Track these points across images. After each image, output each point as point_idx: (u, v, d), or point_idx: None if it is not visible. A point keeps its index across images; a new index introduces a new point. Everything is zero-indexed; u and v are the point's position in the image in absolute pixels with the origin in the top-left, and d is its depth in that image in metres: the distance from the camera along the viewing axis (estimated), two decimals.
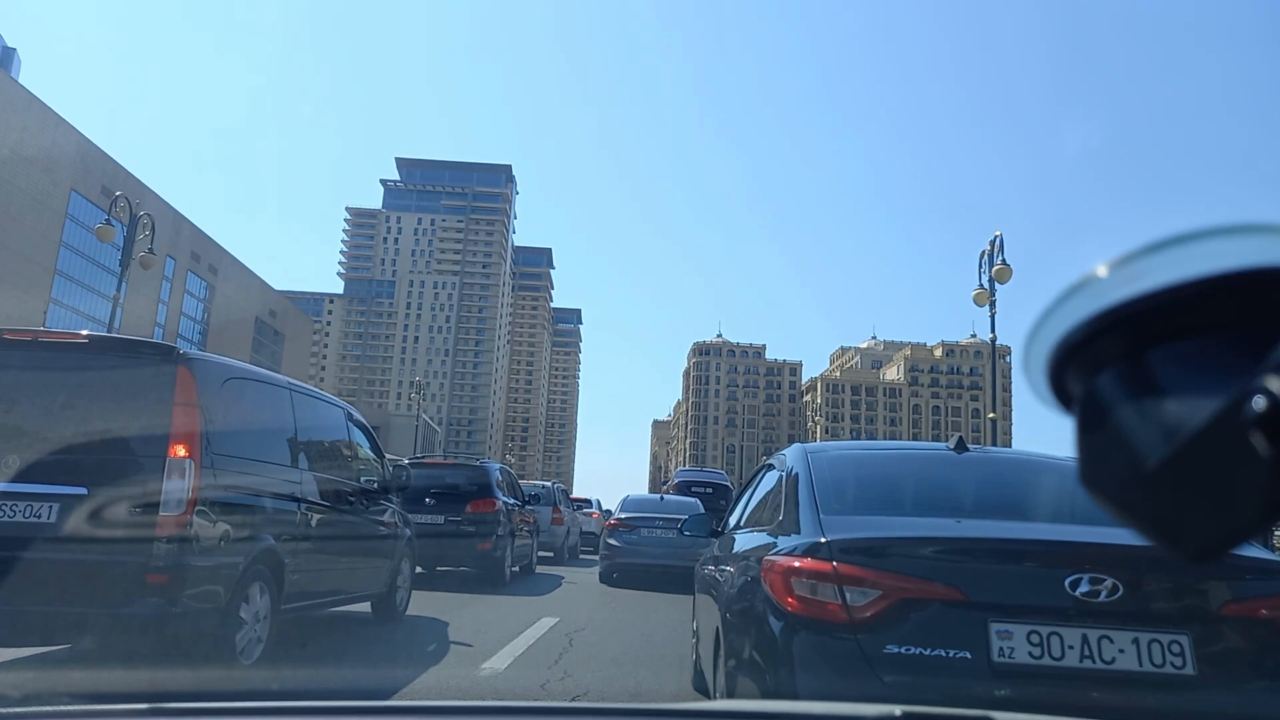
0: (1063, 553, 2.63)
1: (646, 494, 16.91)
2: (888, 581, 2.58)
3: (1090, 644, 2.44)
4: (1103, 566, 2.49)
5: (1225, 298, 0.46)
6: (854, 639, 2.55)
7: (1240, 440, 0.42)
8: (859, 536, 2.77)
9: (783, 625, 2.71)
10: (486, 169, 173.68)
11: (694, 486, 18.88)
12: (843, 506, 3.16)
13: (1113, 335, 0.49)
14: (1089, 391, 0.51)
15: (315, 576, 5.80)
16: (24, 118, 61.90)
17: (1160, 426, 0.46)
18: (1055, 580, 2.50)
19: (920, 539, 2.77)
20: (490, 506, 11.92)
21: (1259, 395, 0.41)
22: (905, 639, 2.51)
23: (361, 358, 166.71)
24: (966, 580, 2.58)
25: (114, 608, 4.17)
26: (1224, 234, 0.46)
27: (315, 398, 6.21)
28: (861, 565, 2.62)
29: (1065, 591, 2.47)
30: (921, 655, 2.49)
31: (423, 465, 12.84)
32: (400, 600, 7.55)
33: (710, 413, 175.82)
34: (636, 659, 6.36)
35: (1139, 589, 2.52)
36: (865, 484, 3.49)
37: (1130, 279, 0.48)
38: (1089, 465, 0.51)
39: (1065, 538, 2.78)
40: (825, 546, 2.68)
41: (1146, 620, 2.49)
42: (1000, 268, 17.48)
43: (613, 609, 9.54)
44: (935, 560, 2.66)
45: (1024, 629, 2.47)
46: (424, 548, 11.82)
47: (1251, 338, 0.45)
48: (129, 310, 79.44)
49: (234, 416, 4.95)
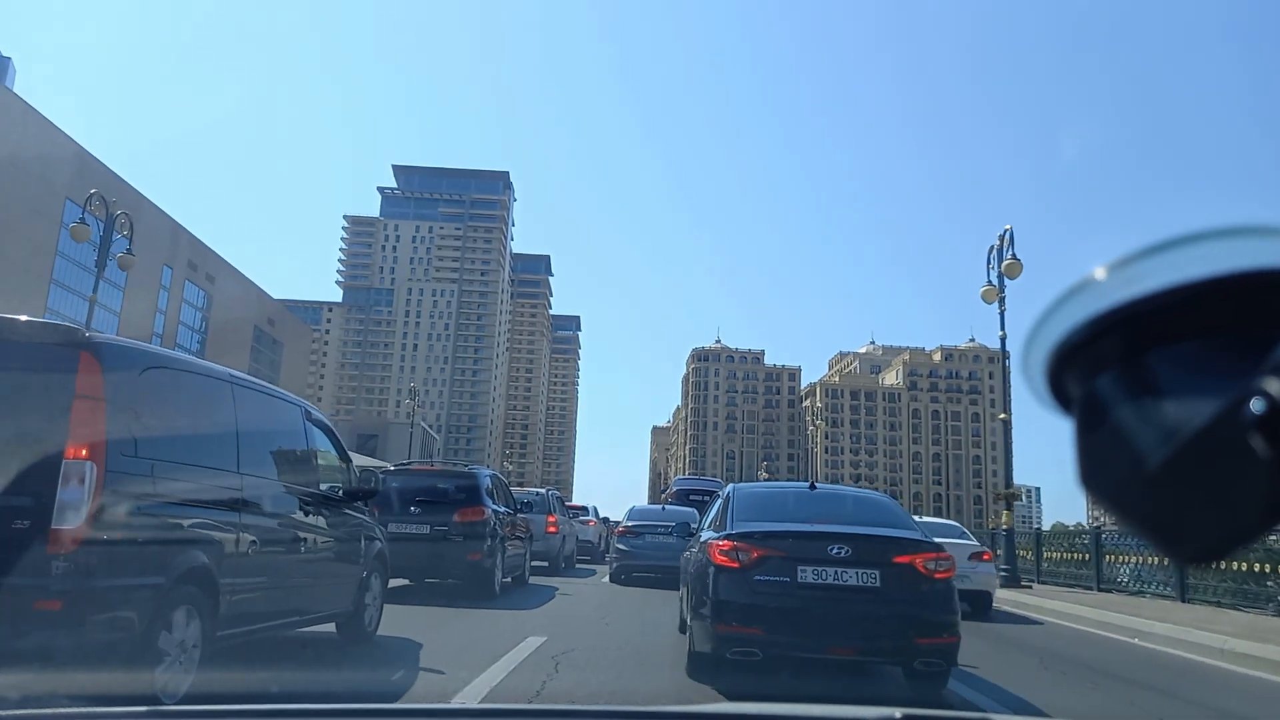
0: (829, 535, 5.64)
1: (649, 505, 19.22)
2: (755, 549, 5.57)
3: (838, 574, 5.45)
4: (845, 541, 5.58)
5: (1224, 300, 0.46)
6: (742, 573, 5.52)
7: (1239, 442, 0.42)
8: (746, 530, 5.76)
9: (713, 569, 5.63)
10: (484, 176, 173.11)
11: (692, 494, 19.38)
12: (746, 517, 6.08)
13: (1112, 337, 0.49)
14: (1088, 393, 0.51)
15: (261, 597, 5.10)
16: (19, 126, 61.21)
17: (1159, 428, 0.46)
18: (824, 548, 5.54)
19: (768, 531, 5.80)
20: (479, 515, 11.24)
21: (1258, 397, 0.42)
22: (763, 573, 5.50)
23: (361, 366, 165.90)
24: (789, 548, 5.61)
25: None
26: (1222, 236, 0.46)
27: (263, 392, 5.48)
28: (746, 542, 5.62)
29: (828, 553, 5.50)
30: (769, 579, 5.48)
31: (409, 472, 12.20)
32: (369, 619, 6.84)
33: (709, 419, 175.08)
34: (630, 691, 5.66)
35: (860, 551, 5.56)
36: (759, 505, 6.62)
37: (1129, 281, 0.48)
38: (1088, 467, 0.51)
39: (832, 530, 5.72)
40: (734, 534, 5.73)
41: (861, 565, 5.49)
42: (1010, 262, 16.74)
43: (606, 626, 8.83)
44: (776, 539, 5.69)
45: (811, 568, 5.47)
46: (409, 559, 11.16)
47: (1250, 340, 0.45)
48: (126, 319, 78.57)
49: (156, 412, 4.25)
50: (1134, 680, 7.45)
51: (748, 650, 5.37)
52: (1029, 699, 6.13)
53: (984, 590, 11.87)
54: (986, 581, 11.91)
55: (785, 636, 5.40)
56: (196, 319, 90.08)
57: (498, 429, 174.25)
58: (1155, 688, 7.12)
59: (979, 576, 11.77)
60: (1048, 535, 22.65)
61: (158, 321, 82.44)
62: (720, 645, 5.48)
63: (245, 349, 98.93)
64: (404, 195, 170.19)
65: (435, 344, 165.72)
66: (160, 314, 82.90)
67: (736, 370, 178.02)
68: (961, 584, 12.13)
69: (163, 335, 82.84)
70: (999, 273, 17.24)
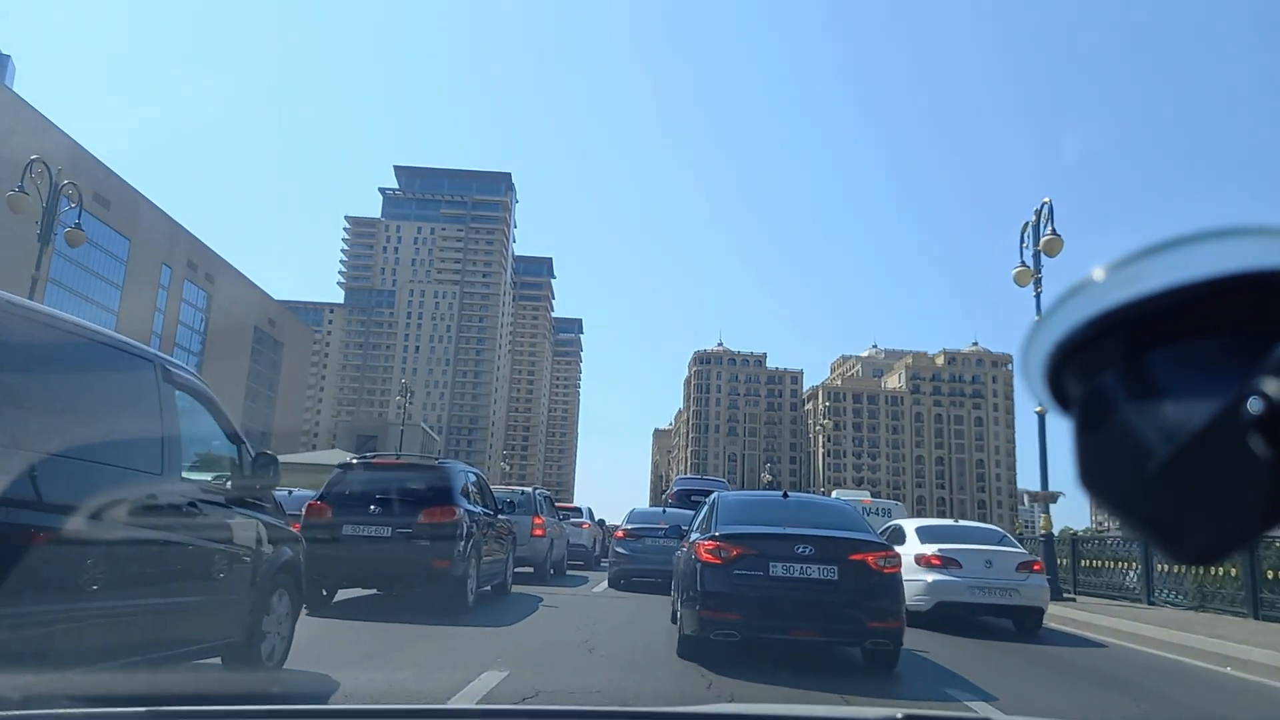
0: (796, 536, 6.73)
1: (650, 507, 18.31)
2: (735, 547, 6.70)
3: (803, 569, 6.53)
4: (809, 542, 6.66)
5: (1223, 300, 0.46)
6: (724, 568, 6.62)
7: (1238, 442, 0.42)
8: (728, 532, 6.90)
9: (699, 565, 6.75)
10: (486, 177, 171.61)
11: (694, 495, 18.14)
12: (728, 520, 7.24)
13: (1111, 338, 0.49)
14: (1088, 394, 0.51)
15: (68, 632, 3.49)
16: (14, 123, 59.73)
17: (1159, 429, 0.46)
18: (792, 547, 6.63)
19: (746, 533, 6.92)
20: (448, 515, 9.63)
21: (1256, 397, 0.42)
22: (741, 568, 6.59)
23: (362, 367, 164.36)
24: (763, 547, 6.70)
25: None
26: (1222, 236, 0.46)
27: (81, 337, 3.81)
28: (727, 542, 6.75)
29: (795, 551, 6.60)
30: (746, 573, 6.56)
31: (369, 465, 10.54)
32: (270, 650, 5.21)
33: (711, 421, 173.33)
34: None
35: (822, 550, 6.63)
36: (740, 511, 7.69)
37: (1128, 281, 0.48)
38: (1088, 468, 0.51)
39: (798, 532, 6.81)
40: (717, 535, 6.86)
41: (823, 561, 6.58)
42: (1050, 238, 15.02)
43: (589, 654, 7.19)
44: (752, 539, 6.81)
45: (780, 564, 6.55)
46: (367, 565, 9.55)
47: (1249, 340, 0.45)
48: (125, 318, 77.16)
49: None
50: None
51: (728, 632, 6.51)
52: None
53: (1034, 606, 10.22)
54: (1037, 595, 10.24)
55: (759, 620, 6.54)
56: (196, 319, 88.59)
57: (499, 431, 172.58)
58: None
59: (1029, 590, 10.11)
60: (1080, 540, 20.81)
61: (157, 321, 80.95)
62: (705, 628, 6.58)
63: (246, 350, 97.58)
64: (406, 196, 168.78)
65: (437, 346, 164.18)
66: (159, 313, 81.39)
67: (739, 373, 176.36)
68: (1008, 598, 10.43)
69: (162, 335, 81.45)
70: (1034, 251, 15.57)
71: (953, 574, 10.08)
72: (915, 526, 11.27)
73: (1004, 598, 9.98)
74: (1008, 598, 9.98)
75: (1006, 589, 9.98)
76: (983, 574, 10.09)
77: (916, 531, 10.95)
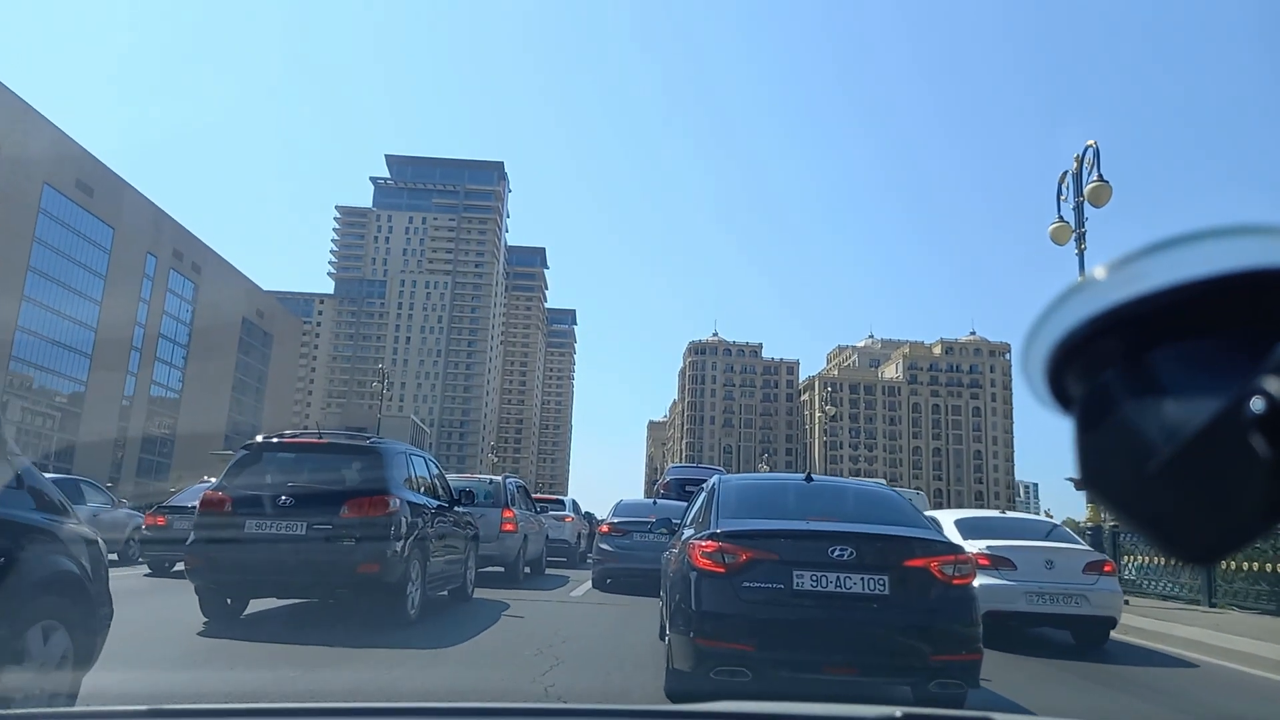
0: (830, 534, 4.95)
1: (640, 499, 15.98)
2: (744, 551, 4.88)
3: (841, 580, 4.77)
4: (849, 542, 4.88)
5: (1225, 299, 0.45)
6: (728, 580, 4.83)
7: (1240, 441, 0.42)
8: (734, 529, 5.07)
9: (694, 575, 4.95)
10: (478, 166, 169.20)
11: (688, 485, 16.23)
12: (733, 513, 5.37)
13: (1112, 336, 0.49)
14: (1089, 393, 0.51)
15: None
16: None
17: (1160, 428, 0.46)
18: (824, 549, 4.86)
19: (759, 530, 5.10)
20: (380, 508, 7.76)
21: (1258, 396, 0.41)
22: (752, 579, 4.82)
23: (353, 359, 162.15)
24: (783, 549, 4.92)
25: None
26: (1223, 235, 0.46)
27: None
28: (733, 543, 4.92)
29: (829, 555, 4.82)
30: (759, 586, 4.80)
31: (282, 445, 8.55)
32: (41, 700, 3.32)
33: (707, 413, 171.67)
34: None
35: (866, 553, 4.87)
36: (748, 500, 5.75)
37: (1129, 280, 0.48)
38: (1089, 467, 0.51)
39: (833, 529, 5.03)
40: (719, 534, 5.01)
41: (868, 569, 4.81)
42: (1096, 185, 13.05)
43: (544, 690, 5.28)
44: (768, 539, 5.00)
45: (809, 573, 4.78)
46: (275, 570, 7.56)
47: (1251, 339, 0.45)
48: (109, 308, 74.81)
49: None
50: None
51: (735, 669, 4.68)
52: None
53: (1106, 615, 8.28)
54: (1110, 603, 8.27)
55: (778, 653, 4.73)
56: (183, 309, 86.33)
57: (492, 423, 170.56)
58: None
59: (1099, 595, 8.18)
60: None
61: (141, 311, 78.61)
62: (702, 663, 4.76)
63: (234, 341, 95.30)
64: (397, 186, 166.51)
65: (428, 337, 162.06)
66: (144, 303, 79.04)
67: (734, 364, 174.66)
68: (1074, 606, 7.73)
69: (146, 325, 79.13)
70: (1075, 204, 13.68)
71: (1006, 577, 8.12)
72: (954, 519, 9.31)
73: (1069, 606, 8.06)
74: (1073, 605, 8.07)
75: (1071, 595, 8.07)
76: (1042, 577, 8.15)
77: (956, 525, 9.00)
